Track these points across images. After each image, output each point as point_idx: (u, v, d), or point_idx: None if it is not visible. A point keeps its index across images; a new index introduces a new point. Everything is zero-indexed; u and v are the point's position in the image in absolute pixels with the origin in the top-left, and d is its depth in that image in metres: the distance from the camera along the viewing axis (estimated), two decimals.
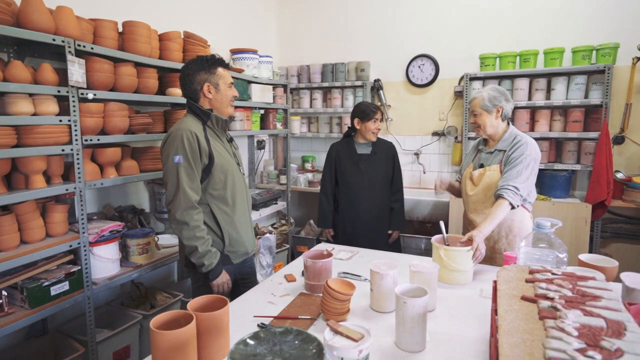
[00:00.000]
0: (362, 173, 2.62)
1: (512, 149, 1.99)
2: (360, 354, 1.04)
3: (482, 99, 2.04)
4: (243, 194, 1.93)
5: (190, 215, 1.70)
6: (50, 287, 1.74)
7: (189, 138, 1.68)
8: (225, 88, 1.84)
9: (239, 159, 1.98)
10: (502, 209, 1.85)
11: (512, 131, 2.06)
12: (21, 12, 1.63)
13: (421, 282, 1.48)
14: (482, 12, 3.40)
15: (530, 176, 1.95)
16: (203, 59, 1.82)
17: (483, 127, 2.06)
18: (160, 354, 1.07)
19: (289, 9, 4.22)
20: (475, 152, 2.25)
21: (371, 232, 2.63)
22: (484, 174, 2.08)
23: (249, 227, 1.98)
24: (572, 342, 0.88)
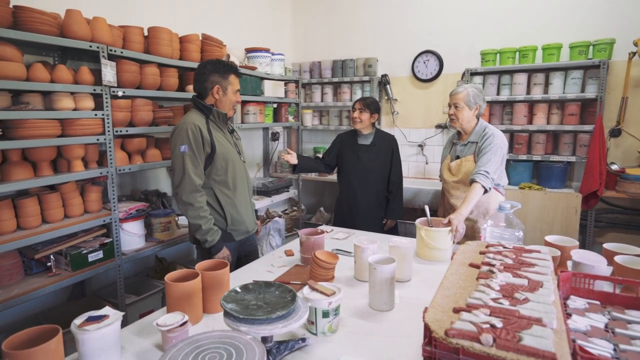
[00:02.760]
0: (360, 162, 2.81)
1: (482, 141, 2.21)
2: (330, 305, 1.27)
3: (467, 94, 2.23)
4: (243, 179, 2.12)
5: (194, 197, 1.91)
6: (88, 254, 2.06)
7: (193, 130, 1.89)
8: (231, 93, 2.05)
9: (240, 149, 2.18)
10: (476, 192, 2.07)
11: (482, 124, 2.27)
12: (65, 23, 1.93)
13: (397, 256, 1.69)
14: (483, 9, 3.51)
15: (499, 162, 2.16)
16: (220, 63, 2.03)
17: (460, 120, 2.26)
18: (173, 301, 1.34)
19: (302, 9, 4.43)
20: (450, 145, 2.48)
21: (367, 218, 2.83)
22: (460, 164, 2.30)
23: (249, 208, 2.18)
24: (491, 294, 1.08)
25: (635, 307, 1.20)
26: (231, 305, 1.13)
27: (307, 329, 1.32)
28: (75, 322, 1.12)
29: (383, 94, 4.05)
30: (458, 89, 2.29)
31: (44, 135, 1.84)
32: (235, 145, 2.14)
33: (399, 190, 2.86)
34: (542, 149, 3.25)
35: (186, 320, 1.22)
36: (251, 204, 2.23)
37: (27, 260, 1.99)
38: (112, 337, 1.14)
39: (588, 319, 1.15)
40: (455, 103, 2.25)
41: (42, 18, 1.82)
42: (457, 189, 2.34)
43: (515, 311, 0.99)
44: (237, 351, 0.94)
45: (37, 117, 1.81)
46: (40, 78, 1.84)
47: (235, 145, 2.14)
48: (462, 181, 2.30)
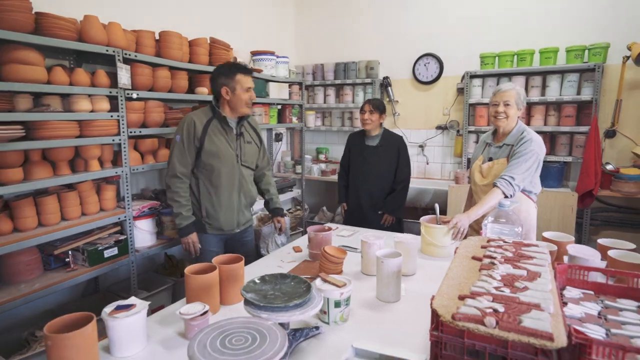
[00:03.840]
0: (366, 163, 2.89)
1: (519, 144, 2.09)
2: (342, 295, 1.36)
3: (517, 94, 2.12)
4: (232, 181, 2.17)
5: (173, 181, 2.08)
6: (104, 250, 2.14)
7: (188, 124, 2.07)
8: (241, 92, 2.10)
9: (244, 152, 2.21)
10: (494, 196, 1.98)
11: (520, 127, 2.17)
12: (83, 29, 2.01)
13: (402, 251, 1.77)
14: (483, 14, 3.61)
15: (531, 169, 2.06)
16: (225, 66, 2.13)
17: (509, 117, 2.12)
18: (192, 293, 1.41)
19: (305, 13, 4.51)
20: (484, 146, 2.34)
21: (372, 217, 2.90)
22: (492, 166, 2.19)
23: (231, 210, 2.20)
24: (493, 283, 1.17)
25: (626, 296, 1.28)
26: (251, 294, 1.21)
27: (319, 318, 1.39)
28: (105, 310, 1.20)
29: (384, 96, 4.14)
30: (507, 87, 2.16)
31: (63, 136, 1.92)
32: (239, 148, 2.19)
33: (404, 187, 2.93)
34: None
35: (207, 309, 1.29)
36: (237, 207, 2.23)
37: (45, 256, 2.06)
38: (139, 324, 1.22)
39: (582, 307, 1.23)
40: (506, 101, 2.11)
41: (62, 24, 1.90)
42: (486, 193, 2.13)
43: (515, 298, 1.07)
44: (260, 335, 1.02)
45: (58, 118, 1.89)
46: (60, 81, 1.92)
47: (238, 148, 2.18)
48: (491, 184, 2.13)
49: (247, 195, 2.28)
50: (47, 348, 1.03)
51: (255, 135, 2.32)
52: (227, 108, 2.13)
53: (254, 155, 2.30)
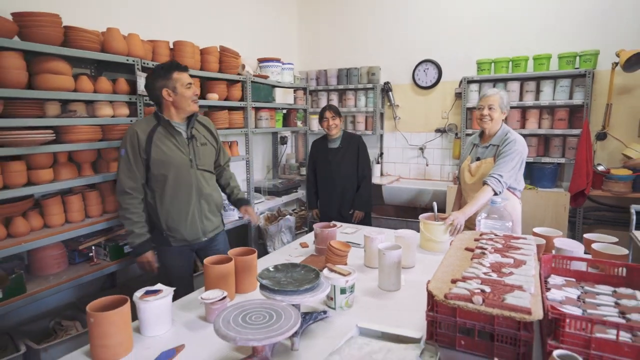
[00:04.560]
0: (331, 164, 3.08)
1: (503, 144, 2.27)
2: (347, 283, 1.49)
3: (501, 98, 2.29)
4: (189, 188, 2.03)
5: (123, 198, 1.97)
6: (123, 246, 2.28)
7: (131, 136, 1.94)
8: (182, 90, 1.97)
9: (199, 155, 2.07)
10: (485, 194, 2.13)
11: (505, 128, 2.34)
12: (105, 40, 2.16)
13: (402, 245, 1.90)
14: (479, 22, 3.75)
15: (516, 167, 2.23)
16: (159, 68, 2.00)
17: (493, 120, 2.29)
18: (211, 281, 1.55)
19: (309, 21, 4.67)
20: (471, 147, 2.52)
21: (344, 215, 3.09)
22: (480, 166, 2.36)
23: (193, 219, 2.07)
24: (482, 269, 1.30)
25: (604, 282, 1.41)
26: (266, 280, 1.34)
27: (327, 304, 1.53)
28: (136, 295, 1.34)
29: (385, 100, 4.28)
30: (491, 92, 2.33)
31: (88, 140, 2.07)
32: (193, 152, 2.06)
33: (367, 183, 3.11)
34: (534, 151, 3.47)
35: (225, 295, 1.43)
36: (200, 215, 2.11)
37: (69, 251, 2.20)
38: (165, 307, 1.36)
39: (564, 292, 1.36)
40: (490, 105, 2.28)
41: (87, 36, 2.05)
42: (475, 191, 2.32)
43: (501, 281, 1.20)
44: (277, 313, 1.16)
45: (83, 123, 2.03)
46: (86, 89, 2.07)
47: (193, 153, 2.06)
48: (479, 182, 2.30)
49: (210, 201, 2.14)
50: (89, 325, 1.17)
51: (209, 135, 2.19)
52: (173, 110, 2.00)
53: (211, 157, 2.18)
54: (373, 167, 4.34)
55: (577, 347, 1.02)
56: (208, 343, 1.27)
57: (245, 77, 3.24)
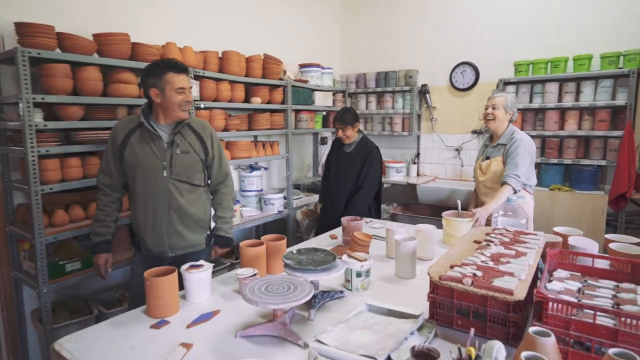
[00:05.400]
0: (339, 167, 2.99)
1: (510, 144, 2.47)
2: (362, 267, 1.66)
3: (505, 99, 2.53)
4: (158, 196, 1.87)
5: (98, 193, 1.95)
6: None
7: (113, 132, 1.89)
8: (171, 93, 1.80)
9: (175, 163, 1.87)
10: (505, 192, 2.31)
11: (511, 129, 2.53)
12: (164, 53, 2.48)
13: (421, 238, 2.04)
14: (518, 23, 3.73)
15: (527, 165, 2.40)
16: (153, 65, 1.84)
17: (495, 119, 2.51)
18: (245, 261, 1.78)
19: (350, 26, 4.84)
20: (483, 148, 2.75)
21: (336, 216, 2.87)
22: (490, 164, 2.57)
23: (158, 230, 1.90)
24: (482, 258, 1.42)
25: (609, 277, 1.47)
26: (289, 260, 1.55)
27: (344, 286, 1.71)
28: (183, 267, 1.60)
29: (423, 102, 4.35)
30: (497, 94, 2.58)
31: None
32: (170, 159, 1.87)
33: (362, 195, 2.90)
34: (572, 153, 3.40)
35: (256, 272, 1.65)
36: (168, 228, 1.91)
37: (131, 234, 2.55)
38: (206, 279, 1.61)
39: (565, 284, 1.44)
40: (494, 105, 2.51)
41: (150, 50, 2.38)
42: (487, 187, 2.59)
43: (495, 268, 1.32)
44: (294, 286, 1.36)
45: None
46: None
47: (169, 159, 1.86)
48: (490, 179, 2.55)
49: (182, 215, 1.92)
50: (146, 287, 1.44)
51: (198, 144, 1.95)
52: (160, 112, 1.86)
53: (193, 168, 1.93)
54: (409, 168, 4.43)
55: (559, 327, 1.12)
56: (239, 310, 1.50)
57: (287, 82, 3.49)
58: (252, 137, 3.59)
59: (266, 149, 3.43)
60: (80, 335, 1.34)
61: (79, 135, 2.14)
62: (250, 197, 3.45)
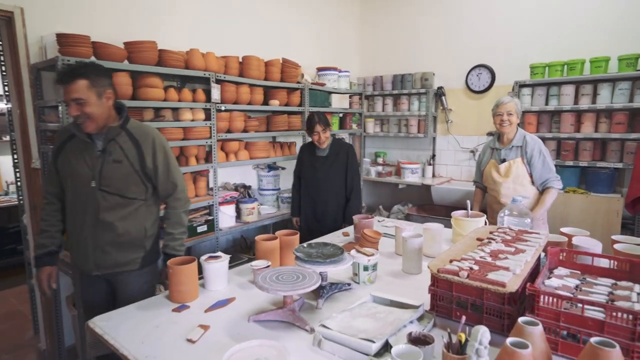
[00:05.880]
0: (317, 172, 2.88)
1: (527, 146, 2.55)
2: (369, 261, 1.74)
3: (516, 104, 2.61)
4: (84, 208, 1.72)
5: (43, 202, 1.85)
6: (197, 226, 2.75)
7: (56, 137, 1.82)
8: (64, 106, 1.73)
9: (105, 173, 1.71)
10: (551, 195, 2.52)
11: (520, 130, 2.63)
12: (188, 59, 2.64)
13: (429, 236, 2.11)
14: (533, 26, 3.72)
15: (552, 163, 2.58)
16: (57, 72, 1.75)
17: (511, 124, 2.60)
18: (260, 253, 1.90)
19: (367, 30, 4.92)
20: (491, 151, 2.78)
21: (327, 224, 2.88)
22: (510, 166, 2.61)
23: (83, 246, 1.76)
24: (481, 253, 1.49)
25: (608, 275, 1.50)
26: (300, 253, 1.66)
27: (352, 279, 1.80)
28: (202, 258, 1.73)
29: (438, 104, 4.39)
30: (507, 100, 2.62)
31: (174, 139, 2.56)
32: (100, 169, 1.71)
33: (356, 195, 2.91)
34: (589, 155, 3.38)
35: (269, 264, 1.76)
36: (94, 244, 1.75)
37: None
38: (224, 269, 1.73)
39: (564, 280, 1.49)
40: (509, 111, 2.58)
41: (175, 56, 2.54)
42: (508, 189, 2.60)
43: (493, 263, 1.39)
44: (303, 276, 1.46)
45: (170, 126, 2.53)
46: (173, 98, 2.56)
47: (100, 169, 1.71)
48: (512, 181, 2.59)
49: (110, 231, 1.74)
50: (169, 275, 1.58)
51: (134, 152, 1.74)
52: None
53: (124, 179, 1.73)
54: (424, 169, 4.47)
55: (549, 319, 1.19)
56: (253, 298, 1.62)
57: (304, 85, 3.60)
58: (270, 138, 3.71)
59: (284, 149, 3.55)
60: (111, 315, 1.49)
61: None
62: (267, 195, 3.58)
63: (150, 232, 1.86)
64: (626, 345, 1.08)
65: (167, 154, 1.85)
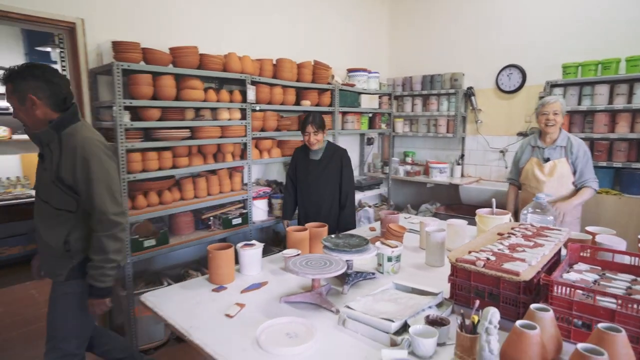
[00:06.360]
0: (310, 176, 2.80)
1: (573, 147, 2.58)
2: (392, 253, 1.84)
3: (562, 104, 2.60)
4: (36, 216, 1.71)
5: None
6: (232, 219, 2.93)
7: None
8: None
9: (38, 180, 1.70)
10: (587, 193, 2.55)
11: (563, 130, 2.66)
12: (226, 62, 2.82)
13: (452, 231, 2.18)
14: (566, 25, 3.65)
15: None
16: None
17: (557, 124, 2.59)
18: (291, 243, 2.03)
19: (397, 31, 4.97)
20: (531, 150, 2.75)
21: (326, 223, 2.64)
22: (555, 166, 2.61)
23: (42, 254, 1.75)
24: (499, 246, 1.55)
25: (628, 272, 1.53)
26: (328, 243, 1.78)
27: (377, 269, 1.90)
28: (238, 245, 1.88)
29: (468, 104, 4.39)
30: (553, 99, 2.61)
31: (212, 137, 2.74)
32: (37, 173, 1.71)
33: (350, 201, 2.81)
34: (623, 156, 3.30)
35: (299, 252, 1.90)
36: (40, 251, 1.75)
37: (195, 219, 2.91)
38: (257, 255, 1.88)
39: (582, 275, 1.53)
40: (555, 110, 2.57)
41: (215, 60, 2.73)
42: (552, 188, 2.59)
43: (510, 255, 1.45)
44: (330, 262, 1.58)
45: (209, 124, 2.71)
46: (211, 99, 2.75)
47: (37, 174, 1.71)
48: (557, 180, 2.59)
49: (39, 238, 1.70)
50: (208, 259, 1.74)
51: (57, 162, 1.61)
52: None
53: (48, 189, 1.64)
54: (453, 169, 4.48)
55: (563, 308, 1.25)
56: (284, 283, 1.75)
57: (334, 85, 3.72)
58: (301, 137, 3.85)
59: None
60: (159, 292, 1.67)
61: (156, 133, 2.52)
62: None
63: (77, 247, 1.67)
64: (636, 334, 1.13)
65: (91, 169, 1.60)
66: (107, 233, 1.63)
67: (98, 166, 1.61)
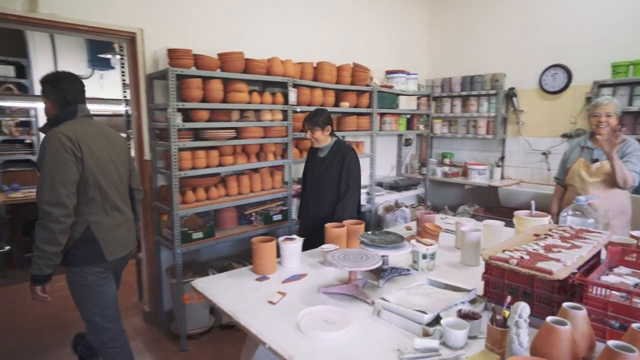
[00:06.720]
0: (316, 174, 2.77)
1: (623, 145, 2.51)
2: (427, 250, 1.89)
3: (616, 105, 2.53)
4: None
5: None
6: (273, 215, 3.07)
7: None
8: None
9: None
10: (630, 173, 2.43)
11: None
12: (269, 66, 2.96)
13: (489, 231, 2.18)
14: (615, 22, 3.50)
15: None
16: None
17: (609, 126, 2.50)
18: (330, 239, 2.13)
19: (437, 32, 4.94)
20: (580, 150, 2.70)
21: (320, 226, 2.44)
22: (603, 166, 2.56)
23: None
24: (534, 246, 1.57)
25: None
26: (365, 239, 1.86)
27: (412, 266, 1.95)
28: (280, 239, 2.00)
29: (509, 106, 4.30)
30: (606, 100, 2.55)
31: (255, 137, 2.90)
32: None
33: (346, 199, 2.69)
34: None
35: (337, 247, 1.99)
36: None
37: (238, 214, 3.08)
38: (297, 249, 1.99)
39: (623, 279, 1.51)
40: (608, 112, 2.52)
41: (259, 64, 2.88)
42: (598, 189, 2.56)
43: (544, 255, 1.47)
44: (366, 257, 1.66)
45: (253, 125, 2.87)
46: (255, 101, 2.90)
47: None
48: (603, 181, 2.54)
49: None
50: (252, 250, 1.87)
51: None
52: None
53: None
54: (493, 170, 4.40)
55: (598, 308, 1.26)
56: (322, 275, 1.85)
57: (373, 87, 3.78)
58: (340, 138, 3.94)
59: None
60: (208, 279, 1.82)
61: (205, 133, 2.70)
62: None
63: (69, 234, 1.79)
64: None
65: (44, 158, 1.74)
66: (39, 221, 1.71)
67: (49, 155, 1.72)
